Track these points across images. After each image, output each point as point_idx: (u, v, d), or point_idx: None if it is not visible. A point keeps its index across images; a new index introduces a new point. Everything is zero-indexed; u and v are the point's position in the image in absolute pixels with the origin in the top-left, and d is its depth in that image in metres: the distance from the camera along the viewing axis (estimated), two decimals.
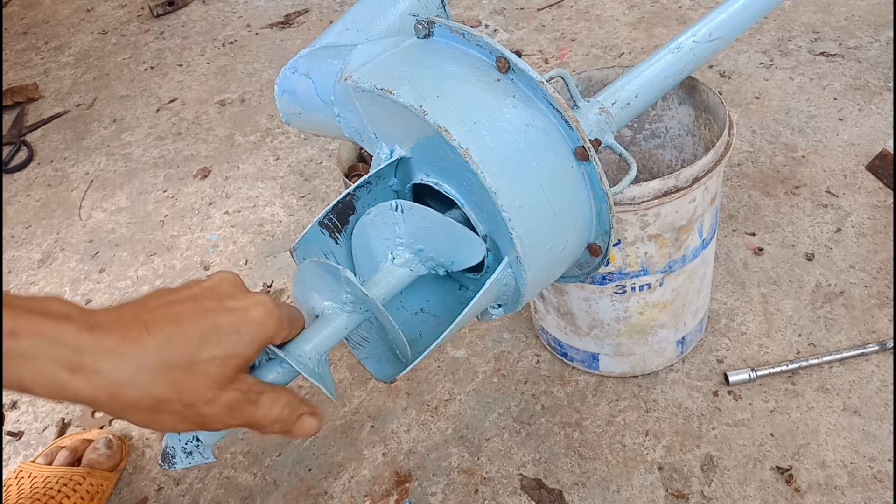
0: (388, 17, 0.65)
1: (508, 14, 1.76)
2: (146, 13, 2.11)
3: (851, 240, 1.06)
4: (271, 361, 0.46)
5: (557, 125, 0.51)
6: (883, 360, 0.90)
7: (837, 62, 1.40)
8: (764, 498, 0.79)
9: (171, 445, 0.46)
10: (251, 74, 1.75)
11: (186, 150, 1.54)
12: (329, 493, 0.88)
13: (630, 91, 0.65)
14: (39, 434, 1.03)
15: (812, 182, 1.16)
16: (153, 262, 1.27)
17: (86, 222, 1.41)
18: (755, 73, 1.41)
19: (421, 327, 0.57)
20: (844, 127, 1.25)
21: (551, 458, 0.86)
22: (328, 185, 1.37)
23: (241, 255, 1.25)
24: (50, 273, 1.30)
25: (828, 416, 0.85)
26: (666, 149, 0.90)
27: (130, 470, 0.95)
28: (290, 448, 0.93)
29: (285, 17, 1.96)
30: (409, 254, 0.53)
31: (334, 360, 1.02)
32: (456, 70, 0.51)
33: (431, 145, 0.50)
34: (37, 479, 0.88)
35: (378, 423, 0.94)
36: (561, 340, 0.92)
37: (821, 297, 0.99)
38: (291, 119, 0.69)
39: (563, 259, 0.55)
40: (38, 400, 1.07)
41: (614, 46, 1.57)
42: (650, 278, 0.79)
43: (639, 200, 0.70)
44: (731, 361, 0.93)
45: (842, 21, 1.51)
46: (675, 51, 0.67)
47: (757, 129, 1.28)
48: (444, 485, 0.86)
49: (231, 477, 0.92)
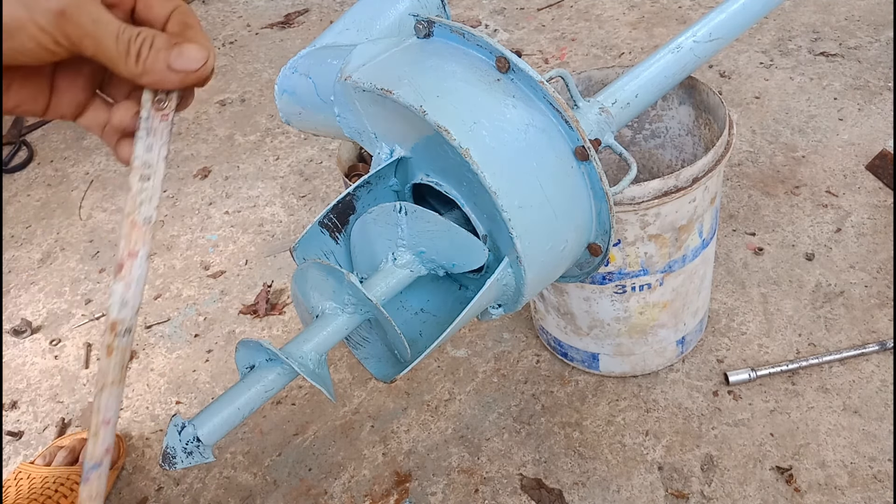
0: (388, 16, 0.65)
1: (508, 14, 1.76)
2: None
3: (851, 240, 1.05)
4: (271, 362, 0.46)
5: (557, 125, 0.51)
6: (883, 360, 0.90)
7: (837, 62, 1.40)
8: (764, 498, 0.79)
9: (171, 446, 0.46)
10: (251, 74, 1.75)
11: (186, 150, 1.54)
12: (329, 493, 0.88)
13: (630, 91, 0.65)
14: (39, 434, 1.03)
15: (812, 182, 1.16)
16: (153, 262, 1.27)
17: (86, 222, 1.41)
18: (755, 73, 1.41)
19: (421, 327, 0.57)
20: (844, 127, 1.25)
21: (551, 458, 0.86)
22: (328, 185, 1.37)
23: (241, 255, 1.25)
24: (50, 273, 1.30)
25: (828, 416, 0.85)
26: (666, 149, 0.90)
27: (130, 470, 0.95)
28: (290, 448, 0.93)
29: (285, 17, 1.96)
30: (411, 255, 0.53)
31: (334, 360, 1.02)
32: (456, 70, 0.51)
33: (431, 145, 0.50)
34: (35, 479, 0.89)
35: (378, 423, 0.94)
36: (561, 340, 0.92)
37: (821, 297, 0.99)
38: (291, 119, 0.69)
39: (563, 259, 0.55)
40: (39, 400, 1.07)
41: (614, 46, 1.57)
42: (650, 278, 0.79)
43: (639, 200, 0.70)
44: (731, 361, 0.93)
45: (842, 21, 1.51)
46: (675, 51, 0.67)
47: (757, 129, 1.28)
48: (444, 485, 0.86)
49: (231, 477, 0.92)
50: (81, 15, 0.32)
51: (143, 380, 1.07)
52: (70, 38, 0.33)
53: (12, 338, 1.18)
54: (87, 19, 0.33)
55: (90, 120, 0.39)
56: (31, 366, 1.13)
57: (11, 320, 1.21)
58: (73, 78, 0.38)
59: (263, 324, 1.12)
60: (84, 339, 1.16)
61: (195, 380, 1.05)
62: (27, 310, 1.23)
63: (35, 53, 0.33)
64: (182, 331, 1.14)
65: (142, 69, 0.34)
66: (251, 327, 1.11)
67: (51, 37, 0.32)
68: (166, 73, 0.34)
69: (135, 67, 0.34)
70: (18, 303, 1.25)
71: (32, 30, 0.32)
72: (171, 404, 1.03)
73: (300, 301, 0.51)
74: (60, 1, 0.32)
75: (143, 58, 0.34)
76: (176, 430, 0.45)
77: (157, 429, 1.00)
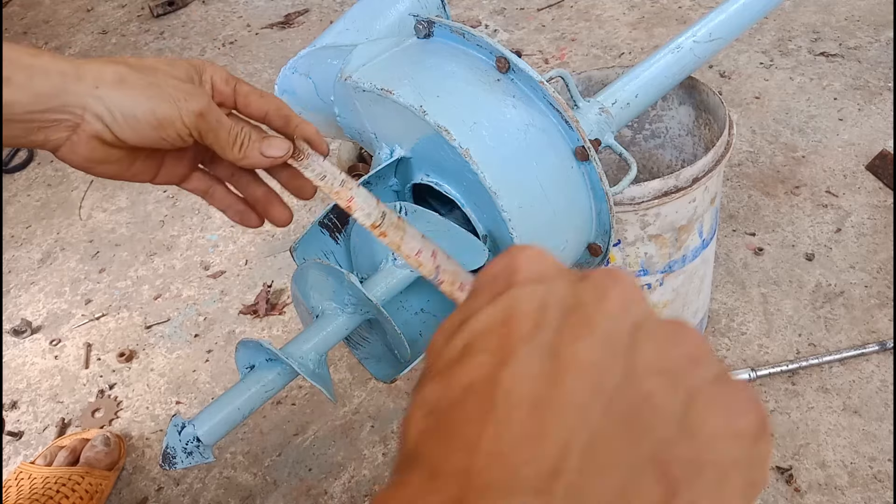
0: (388, 17, 0.65)
1: (508, 14, 1.76)
2: (146, 13, 2.11)
3: (851, 240, 1.05)
4: (271, 362, 0.47)
5: (557, 125, 0.51)
6: (883, 360, 0.90)
7: (837, 62, 1.40)
8: (764, 498, 0.79)
9: (171, 446, 0.46)
10: (251, 74, 1.75)
11: None
12: (329, 493, 0.88)
13: (630, 91, 0.65)
14: (39, 434, 1.03)
15: (812, 182, 1.16)
16: (153, 262, 1.27)
17: (86, 222, 1.41)
18: (755, 73, 1.41)
19: (421, 327, 0.57)
20: (844, 127, 1.25)
21: None
22: None
23: (241, 255, 1.25)
24: (50, 273, 1.30)
25: (828, 416, 0.85)
26: (666, 149, 0.90)
27: (130, 470, 0.95)
28: (290, 448, 0.93)
29: (285, 17, 1.96)
30: None
31: (334, 360, 1.02)
32: (456, 70, 0.51)
33: (431, 145, 0.50)
34: (36, 479, 0.88)
35: (378, 423, 0.94)
36: None
37: (821, 297, 0.99)
38: None
39: (562, 259, 0.55)
40: (39, 400, 1.07)
41: (614, 46, 1.57)
42: (650, 278, 0.79)
43: (639, 200, 0.70)
44: (731, 361, 0.93)
45: (842, 21, 1.51)
46: (675, 51, 0.67)
47: (757, 129, 1.28)
48: None
49: (231, 477, 0.92)
50: (211, 115, 0.42)
51: (143, 380, 1.07)
52: (200, 132, 0.42)
53: (12, 338, 1.18)
54: (214, 118, 0.42)
55: (192, 185, 0.49)
56: (31, 366, 1.13)
57: (11, 320, 1.21)
58: (180, 157, 0.47)
59: (263, 324, 1.12)
60: (84, 339, 1.16)
61: (195, 380, 1.05)
62: (27, 310, 1.23)
63: (172, 141, 0.42)
64: (182, 331, 1.14)
65: (242, 155, 0.44)
66: (251, 327, 1.11)
67: (188, 130, 0.42)
68: (260, 158, 0.45)
69: (238, 154, 0.44)
70: (18, 303, 1.25)
71: (178, 124, 0.41)
72: (171, 404, 1.03)
73: (300, 301, 0.51)
74: (200, 105, 0.42)
75: (244, 148, 0.44)
76: (176, 430, 0.46)
77: (157, 429, 1.00)
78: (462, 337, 0.22)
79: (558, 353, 0.21)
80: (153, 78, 0.41)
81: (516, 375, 0.20)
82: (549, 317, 0.22)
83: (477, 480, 0.19)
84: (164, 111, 0.41)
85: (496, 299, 0.23)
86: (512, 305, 0.22)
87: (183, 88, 0.42)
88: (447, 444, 0.20)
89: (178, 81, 0.42)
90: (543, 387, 0.20)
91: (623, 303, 0.22)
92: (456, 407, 0.20)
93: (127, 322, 1.17)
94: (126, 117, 0.40)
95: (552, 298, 0.22)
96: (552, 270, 0.24)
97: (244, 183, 0.50)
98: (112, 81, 0.40)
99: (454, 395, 0.21)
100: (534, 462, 0.19)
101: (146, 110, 0.40)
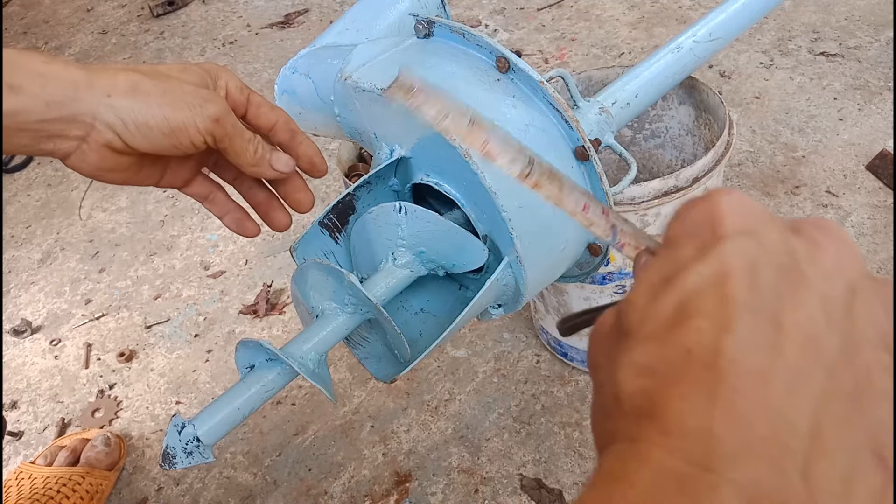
0: (388, 16, 0.65)
1: (508, 14, 1.76)
2: (146, 13, 2.11)
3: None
4: (271, 362, 0.46)
5: (557, 125, 0.51)
6: None
7: (837, 62, 1.40)
8: None
9: (171, 446, 0.46)
10: (251, 74, 1.75)
11: None
12: (329, 493, 0.88)
13: (630, 91, 0.65)
14: (39, 434, 1.03)
15: (812, 182, 1.16)
16: (153, 262, 1.27)
17: (86, 222, 1.41)
18: (755, 73, 1.41)
19: (421, 327, 0.57)
20: (844, 127, 1.25)
21: (551, 458, 0.86)
22: (328, 185, 1.37)
23: (241, 255, 1.25)
24: (50, 273, 1.30)
25: None
26: (666, 149, 0.90)
27: (130, 470, 0.95)
28: (290, 448, 0.93)
29: (285, 17, 1.96)
30: (411, 255, 0.53)
31: (334, 360, 1.02)
32: (456, 70, 0.51)
33: (431, 145, 0.50)
34: (36, 479, 0.89)
35: (378, 423, 0.94)
36: (561, 340, 0.92)
37: None
38: None
39: (563, 259, 0.55)
40: (39, 400, 1.07)
41: (614, 46, 1.57)
42: None
43: (639, 200, 0.70)
44: None
45: (842, 21, 1.51)
46: (675, 51, 0.67)
47: (757, 129, 1.28)
48: (444, 485, 0.86)
49: (231, 477, 0.92)
50: (227, 121, 0.42)
51: (143, 380, 1.07)
52: (215, 138, 0.42)
53: (12, 338, 1.18)
54: (230, 124, 0.43)
55: (193, 190, 0.49)
56: (31, 366, 1.13)
57: (11, 320, 1.21)
58: (184, 162, 0.47)
59: (263, 324, 1.12)
60: (84, 339, 1.16)
61: (195, 380, 1.05)
62: (27, 310, 1.23)
63: (185, 148, 0.42)
64: (182, 331, 1.14)
65: (254, 162, 0.45)
66: (251, 327, 1.11)
67: (203, 137, 0.42)
68: (268, 168, 0.46)
69: (252, 161, 0.45)
70: (18, 303, 1.25)
71: (192, 131, 0.41)
72: (171, 404, 1.03)
73: (300, 301, 0.51)
74: (217, 110, 0.42)
75: (258, 156, 0.45)
76: (176, 430, 0.45)
77: (157, 429, 1.00)
78: (672, 296, 0.21)
79: (779, 321, 0.20)
80: (167, 85, 0.41)
81: (740, 344, 0.20)
82: (765, 278, 0.21)
83: (719, 448, 0.19)
84: (177, 118, 0.40)
85: (704, 254, 0.21)
86: (724, 262, 0.21)
87: (199, 94, 0.42)
88: (680, 406, 0.19)
89: (193, 87, 0.42)
90: (767, 358, 0.20)
91: (838, 261, 0.22)
92: (679, 371, 0.20)
93: (127, 322, 1.17)
94: (138, 126, 0.40)
95: (765, 256, 0.21)
96: (759, 219, 0.22)
97: (247, 186, 0.50)
98: (124, 90, 0.40)
99: (674, 359, 0.20)
100: (770, 437, 0.19)
101: (159, 118, 0.40)
